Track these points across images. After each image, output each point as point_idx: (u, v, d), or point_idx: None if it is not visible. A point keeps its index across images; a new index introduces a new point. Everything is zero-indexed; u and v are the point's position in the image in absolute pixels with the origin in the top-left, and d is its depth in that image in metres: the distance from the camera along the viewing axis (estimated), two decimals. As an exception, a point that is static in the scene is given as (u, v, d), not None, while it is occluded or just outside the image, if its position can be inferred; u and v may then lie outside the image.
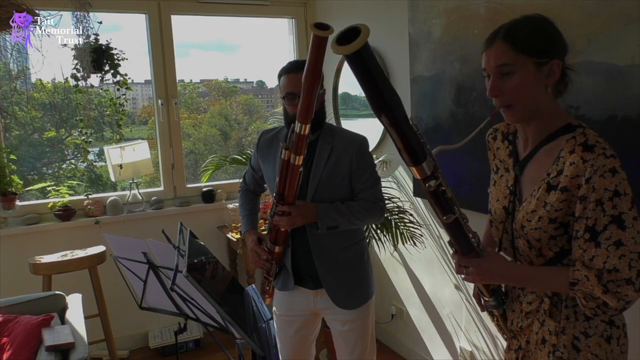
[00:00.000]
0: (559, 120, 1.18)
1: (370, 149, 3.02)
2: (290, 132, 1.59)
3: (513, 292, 1.35)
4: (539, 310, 1.23)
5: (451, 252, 1.28)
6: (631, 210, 1.06)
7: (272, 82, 1.83)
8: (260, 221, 3.02)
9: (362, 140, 1.86)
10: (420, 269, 2.89)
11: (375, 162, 2.97)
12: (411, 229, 2.67)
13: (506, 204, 1.29)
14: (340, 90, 3.38)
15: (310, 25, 1.36)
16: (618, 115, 1.67)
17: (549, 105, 1.18)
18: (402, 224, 2.68)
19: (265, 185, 2.06)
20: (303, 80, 1.45)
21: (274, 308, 1.99)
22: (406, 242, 2.68)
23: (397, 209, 2.73)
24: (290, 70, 1.75)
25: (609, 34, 1.66)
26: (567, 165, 1.10)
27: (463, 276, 1.26)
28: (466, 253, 1.22)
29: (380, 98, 1.01)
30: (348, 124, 3.36)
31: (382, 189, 2.80)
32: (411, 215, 2.74)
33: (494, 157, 1.38)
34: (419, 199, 2.78)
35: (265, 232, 1.88)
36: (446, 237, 2.65)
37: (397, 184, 2.94)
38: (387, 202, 2.76)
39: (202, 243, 1.75)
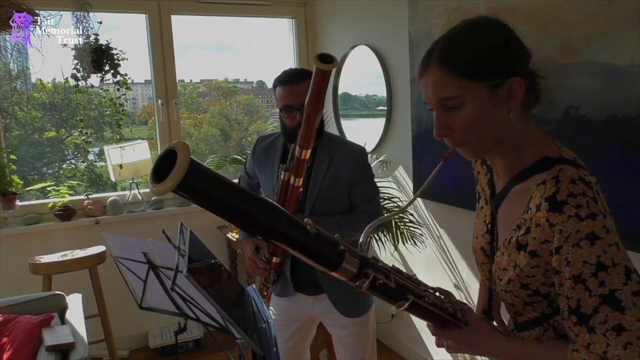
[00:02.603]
0: (532, 151, 0.92)
1: (370, 149, 3.05)
2: (291, 154, 1.56)
3: None
4: None
5: (427, 324, 1.06)
6: (627, 284, 0.81)
7: (272, 82, 1.83)
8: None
9: (361, 152, 1.83)
10: (420, 269, 2.89)
11: (376, 162, 2.98)
12: (411, 228, 2.68)
13: (484, 244, 1.07)
14: (340, 90, 3.38)
15: (314, 57, 1.33)
16: (618, 115, 1.67)
17: (517, 132, 0.91)
18: (402, 223, 2.68)
19: (261, 190, 2.05)
20: (305, 107, 1.43)
21: (270, 312, 1.99)
22: (406, 242, 2.68)
23: (397, 209, 2.73)
24: (286, 82, 1.70)
25: (609, 34, 1.66)
26: (534, 226, 0.86)
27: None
28: (442, 325, 1.00)
29: (251, 224, 0.76)
30: (348, 124, 3.36)
31: (382, 188, 2.82)
32: (411, 215, 2.75)
33: (477, 182, 1.17)
34: (419, 199, 2.78)
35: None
36: (446, 237, 2.66)
37: (397, 184, 2.94)
38: (387, 202, 2.77)
39: (203, 244, 1.75)
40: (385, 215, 2.35)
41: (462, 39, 0.89)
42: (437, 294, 1.00)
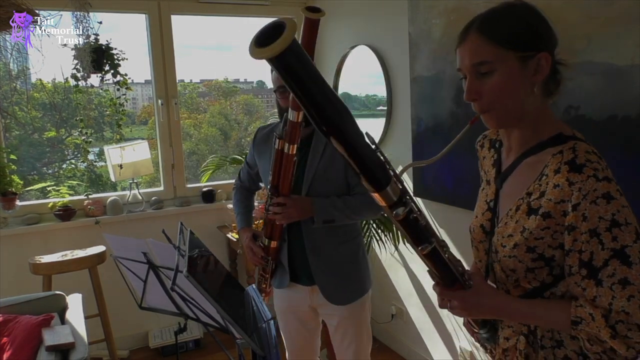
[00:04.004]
0: (549, 128, 1.02)
1: (370, 149, 3.04)
2: (284, 122, 1.58)
3: (495, 322, 1.18)
4: (516, 349, 1.07)
5: (434, 285, 1.11)
6: (636, 242, 0.89)
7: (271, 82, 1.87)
8: (260, 222, 3.03)
9: None
10: (420, 269, 2.89)
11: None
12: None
13: (484, 221, 1.13)
14: (340, 90, 3.38)
15: (302, 9, 1.37)
16: (618, 115, 1.67)
17: (537, 108, 1.00)
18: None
19: (260, 183, 2.06)
20: None
21: (275, 306, 2.00)
22: (407, 242, 2.67)
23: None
24: None
25: (609, 34, 1.66)
26: (551, 188, 0.94)
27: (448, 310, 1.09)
28: (449, 285, 1.05)
29: (322, 114, 0.78)
30: (348, 124, 3.36)
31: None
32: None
33: (481, 167, 1.24)
34: (418, 199, 2.78)
35: (261, 229, 1.88)
36: (446, 238, 2.66)
37: (397, 184, 2.94)
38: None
39: (203, 244, 1.75)
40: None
41: (502, 13, 0.98)
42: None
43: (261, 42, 0.72)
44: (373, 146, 0.86)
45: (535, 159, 1.01)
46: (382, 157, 0.87)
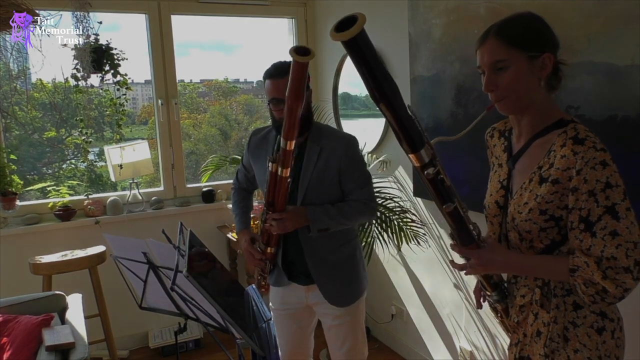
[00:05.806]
0: (552, 115, 1.21)
1: (370, 149, 3.04)
2: (277, 146, 1.61)
3: (509, 287, 1.36)
4: (532, 303, 1.25)
5: (452, 244, 1.30)
6: (623, 201, 1.09)
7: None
8: (253, 216, 3.03)
9: (349, 139, 1.86)
10: (420, 269, 2.89)
11: (375, 162, 2.98)
12: (414, 228, 2.67)
13: (498, 198, 1.32)
14: (340, 90, 3.38)
15: (290, 50, 1.39)
16: (618, 115, 1.67)
17: (542, 99, 1.20)
18: (404, 223, 2.68)
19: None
20: (286, 99, 1.48)
21: (270, 303, 2.02)
22: (410, 242, 2.67)
23: (399, 209, 2.72)
24: (274, 75, 1.73)
25: (609, 34, 1.66)
26: (558, 158, 1.13)
27: (465, 270, 1.27)
28: (466, 244, 1.23)
29: (378, 86, 1.02)
30: (348, 124, 3.36)
31: (382, 188, 2.81)
32: (413, 214, 2.74)
33: (491, 154, 1.42)
34: (419, 199, 2.78)
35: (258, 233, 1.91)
36: (446, 237, 2.66)
37: (397, 184, 2.94)
38: (388, 201, 2.76)
39: (203, 244, 1.75)
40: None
41: (515, 21, 1.19)
42: None
43: (339, 29, 0.97)
44: (412, 116, 1.07)
45: (543, 140, 1.21)
46: (419, 126, 1.07)
